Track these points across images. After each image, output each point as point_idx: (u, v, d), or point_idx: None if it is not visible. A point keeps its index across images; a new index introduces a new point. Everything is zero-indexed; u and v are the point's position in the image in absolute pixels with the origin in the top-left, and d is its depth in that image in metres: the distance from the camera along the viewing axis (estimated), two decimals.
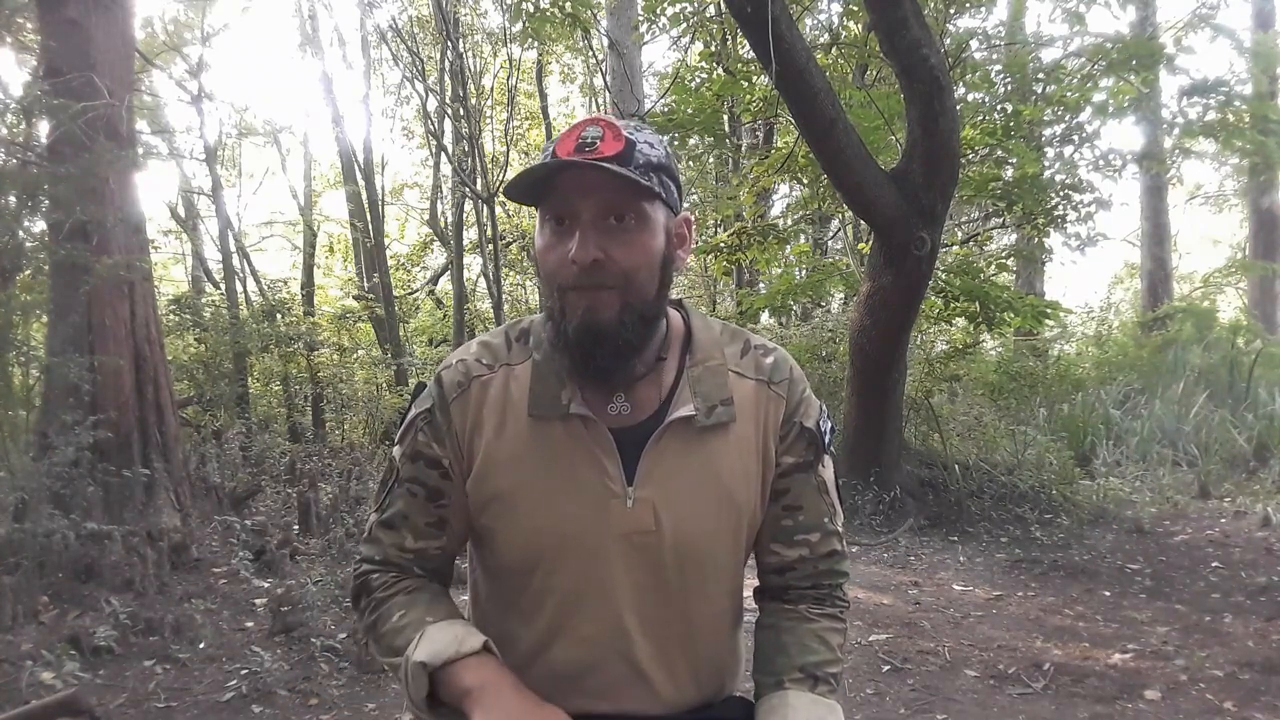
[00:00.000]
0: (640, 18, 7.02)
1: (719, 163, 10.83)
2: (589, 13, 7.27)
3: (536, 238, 1.08)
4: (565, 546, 1.09)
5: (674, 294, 1.16)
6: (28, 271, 5.19)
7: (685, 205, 1.14)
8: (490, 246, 10.94)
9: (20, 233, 5.08)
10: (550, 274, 1.05)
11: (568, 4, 6.67)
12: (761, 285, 10.72)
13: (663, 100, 8.74)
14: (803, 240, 10.31)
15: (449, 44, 10.24)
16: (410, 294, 14.41)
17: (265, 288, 10.83)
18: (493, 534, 1.13)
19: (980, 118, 7.02)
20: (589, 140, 1.01)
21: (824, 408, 1.20)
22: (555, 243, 1.04)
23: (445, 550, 1.18)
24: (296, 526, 5.42)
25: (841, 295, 9.31)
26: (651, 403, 1.11)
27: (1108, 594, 4.44)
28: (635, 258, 1.03)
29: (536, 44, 10.03)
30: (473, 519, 1.14)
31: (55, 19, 4.97)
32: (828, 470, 1.19)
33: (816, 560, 1.18)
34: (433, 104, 11.39)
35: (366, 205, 11.44)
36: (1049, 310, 6.95)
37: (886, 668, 3.44)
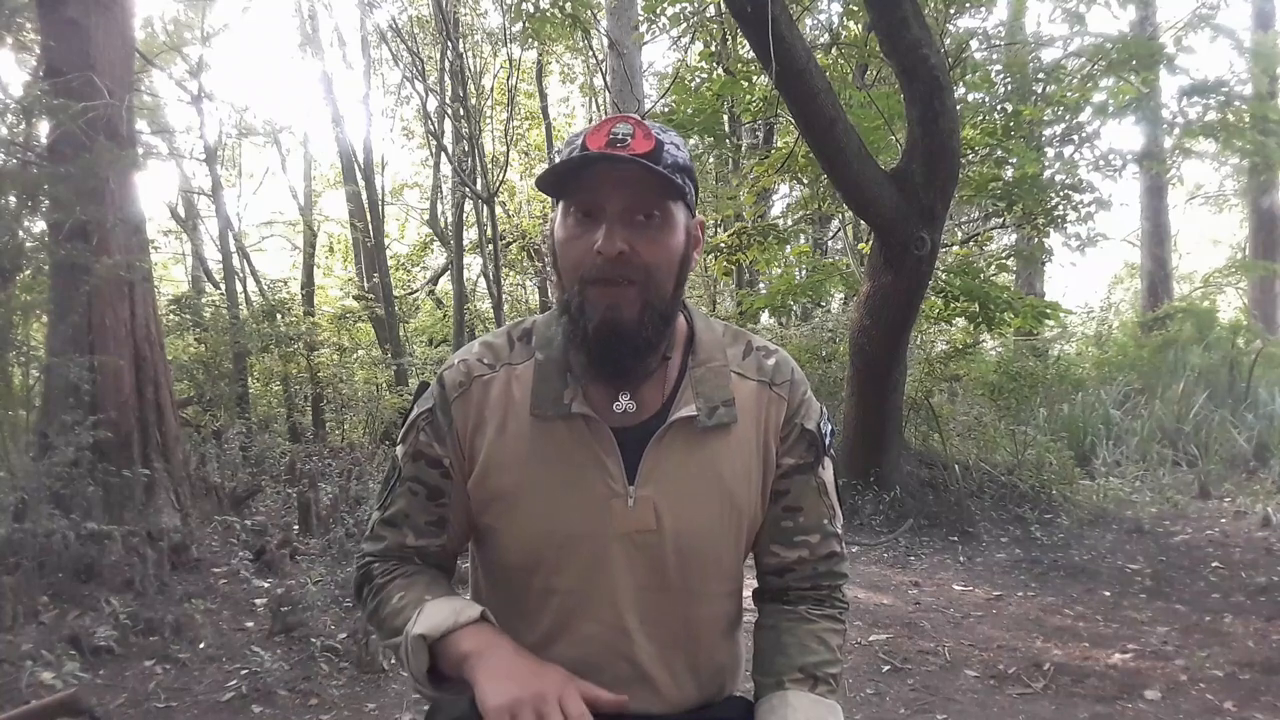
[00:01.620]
0: (640, 18, 7.03)
1: (719, 163, 10.83)
2: (589, 13, 7.28)
3: (557, 229, 1.08)
4: (567, 546, 1.09)
5: None
6: (28, 271, 5.19)
7: None
8: (490, 246, 10.94)
9: (20, 233, 5.08)
10: (572, 265, 1.05)
11: (568, 4, 6.67)
12: (761, 285, 10.72)
13: (663, 100, 8.74)
14: (803, 240, 10.32)
15: (449, 44, 10.24)
16: (410, 294, 14.41)
17: (265, 288, 10.81)
18: (495, 533, 1.13)
19: (980, 118, 7.02)
20: (620, 137, 1.02)
21: (824, 410, 1.21)
22: (579, 234, 1.05)
23: (446, 549, 1.19)
24: (296, 526, 5.41)
25: (841, 295, 9.31)
26: (654, 402, 1.12)
27: (1108, 594, 4.44)
28: (659, 255, 1.04)
29: (536, 44, 10.03)
30: (475, 518, 1.15)
31: (55, 19, 4.96)
32: (827, 472, 1.19)
33: (816, 561, 1.18)
34: (433, 104, 11.39)
35: (366, 205, 11.44)
36: (1049, 310, 6.95)
37: (886, 668, 3.44)
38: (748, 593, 1.23)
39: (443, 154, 11.71)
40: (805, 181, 8.02)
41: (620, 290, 1.03)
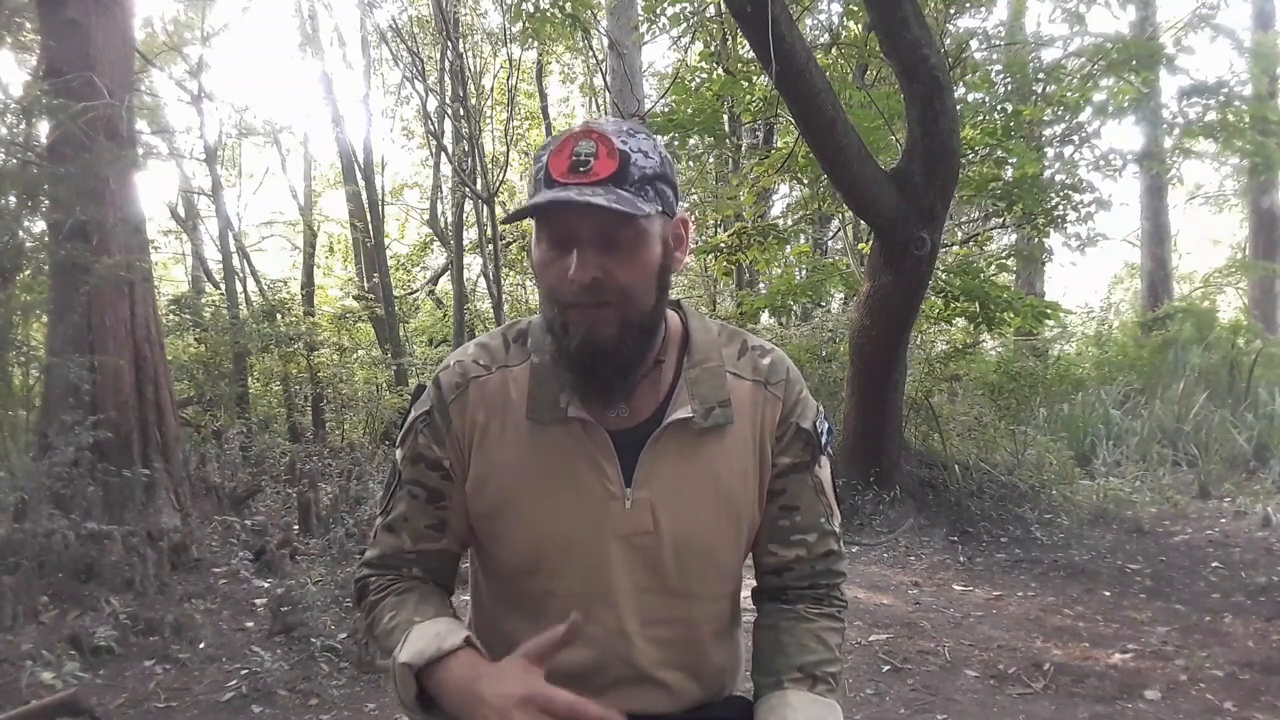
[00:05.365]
0: (640, 18, 7.03)
1: (719, 163, 10.82)
2: (589, 13, 7.28)
3: (533, 248, 1.07)
4: (566, 549, 1.09)
5: (673, 294, 1.16)
6: (28, 271, 5.20)
7: (684, 205, 1.14)
8: (490, 246, 10.94)
9: (20, 233, 5.08)
10: (550, 289, 1.04)
11: (568, 4, 6.67)
12: (761, 285, 10.71)
13: (663, 100, 8.74)
14: (803, 240, 10.30)
15: (449, 44, 10.24)
16: (410, 294, 14.40)
17: (265, 288, 10.81)
18: (493, 536, 1.13)
19: (980, 118, 7.01)
20: (582, 158, 0.98)
21: (821, 409, 1.21)
22: (553, 259, 1.03)
23: (446, 551, 1.18)
24: (296, 526, 5.41)
25: (841, 295, 9.30)
26: (650, 405, 1.12)
27: (1108, 594, 4.44)
28: (634, 274, 1.02)
29: (536, 44, 10.03)
30: (473, 520, 1.15)
31: (55, 19, 4.97)
32: (824, 471, 1.19)
33: (813, 560, 1.18)
34: (433, 104, 11.39)
35: (366, 205, 11.44)
36: (1049, 310, 6.94)
37: (886, 668, 3.44)
38: (746, 592, 1.23)
39: (443, 154, 11.71)
40: (805, 181, 8.01)
41: (597, 312, 1.02)
